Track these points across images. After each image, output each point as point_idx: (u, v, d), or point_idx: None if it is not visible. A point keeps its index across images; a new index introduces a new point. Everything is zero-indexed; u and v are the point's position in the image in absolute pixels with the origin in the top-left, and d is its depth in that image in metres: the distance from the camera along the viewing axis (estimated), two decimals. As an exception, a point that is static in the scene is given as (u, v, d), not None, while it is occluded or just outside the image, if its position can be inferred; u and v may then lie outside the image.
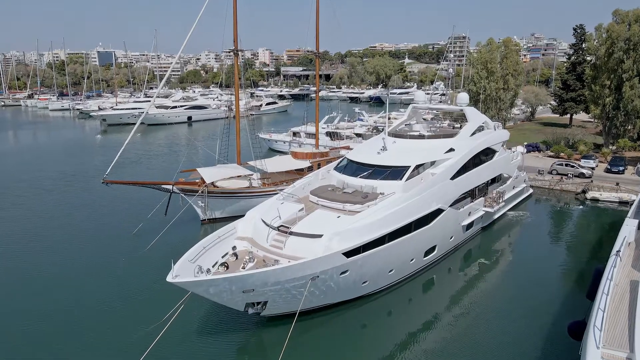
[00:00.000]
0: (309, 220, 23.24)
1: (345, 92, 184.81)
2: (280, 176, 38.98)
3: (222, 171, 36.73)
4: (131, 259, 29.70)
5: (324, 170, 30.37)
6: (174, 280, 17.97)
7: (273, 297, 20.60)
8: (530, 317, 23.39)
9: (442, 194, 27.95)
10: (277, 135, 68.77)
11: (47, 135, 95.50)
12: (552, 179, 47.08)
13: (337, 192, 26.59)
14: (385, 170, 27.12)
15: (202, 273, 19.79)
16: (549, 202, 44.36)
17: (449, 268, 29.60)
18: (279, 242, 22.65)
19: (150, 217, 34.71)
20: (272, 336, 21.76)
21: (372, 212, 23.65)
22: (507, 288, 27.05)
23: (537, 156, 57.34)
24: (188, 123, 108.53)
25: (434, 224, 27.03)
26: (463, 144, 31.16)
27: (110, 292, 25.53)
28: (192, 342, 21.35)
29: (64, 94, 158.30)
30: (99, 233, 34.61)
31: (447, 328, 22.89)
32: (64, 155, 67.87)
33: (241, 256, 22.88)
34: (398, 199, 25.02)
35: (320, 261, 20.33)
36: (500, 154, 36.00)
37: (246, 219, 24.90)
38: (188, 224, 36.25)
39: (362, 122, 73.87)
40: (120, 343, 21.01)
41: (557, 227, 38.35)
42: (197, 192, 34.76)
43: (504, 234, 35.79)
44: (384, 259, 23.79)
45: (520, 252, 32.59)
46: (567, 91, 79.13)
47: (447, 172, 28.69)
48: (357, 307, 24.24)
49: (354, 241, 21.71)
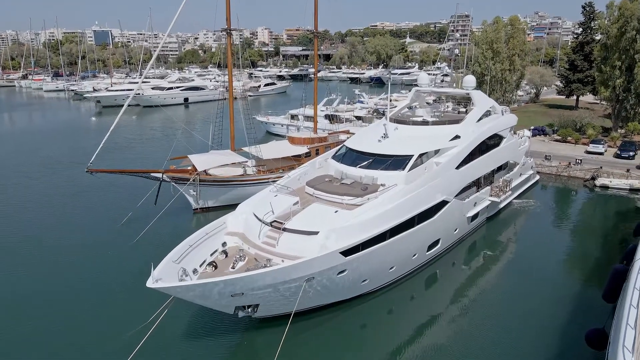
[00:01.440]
0: (304, 215, 21.58)
1: (345, 72, 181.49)
2: (276, 163, 37.23)
3: (214, 158, 34.95)
4: (117, 252, 28.11)
5: (322, 159, 28.58)
6: (154, 286, 16.39)
7: (265, 299, 19.07)
8: (539, 315, 21.95)
9: (446, 184, 26.24)
10: (275, 118, 66.75)
11: (38, 118, 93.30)
12: (559, 164, 45.26)
13: (335, 183, 24.87)
14: (386, 160, 25.35)
15: (187, 275, 18.19)
16: (556, 189, 42.66)
17: (452, 262, 28.07)
18: (271, 239, 21.03)
19: (139, 207, 33.03)
20: (265, 338, 20.29)
21: (373, 206, 21.97)
22: (514, 283, 25.47)
23: (543, 140, 55.42)
24: (184, 105, 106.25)
25: (438, 216, 25.39)
26: (469, 131, 29.30)
27: (91, 290, 23.97)
28: (179, 346, 19.88)
29: (58, 75, 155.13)
30: (84, 223, 32.95)
31: (450, 327, 21.49)
32: (54, 139, 65.75)
33: (231, 254, 21.29)
34: (400, 191, 23.31)
35: (315, 262, 18.74)
36: (507, 140, 34.15)
37: (237, 213, 23.24)
38: (179, 213, 34.64)
39: (362, 104, 71.74)
40: (100, 347, 19.56)
41: (566, 216, 36.69)
42: (188, 180, 33.07)
43: (509, 224, 34.18)
44: (384, 256, 22.21)
45: (528, 243, 30.96)
46: (573, 72, 76.66)
47: (453, 161, 26.91)
48: (356, 306, 22.75)
49: (353, 239, 20.08)
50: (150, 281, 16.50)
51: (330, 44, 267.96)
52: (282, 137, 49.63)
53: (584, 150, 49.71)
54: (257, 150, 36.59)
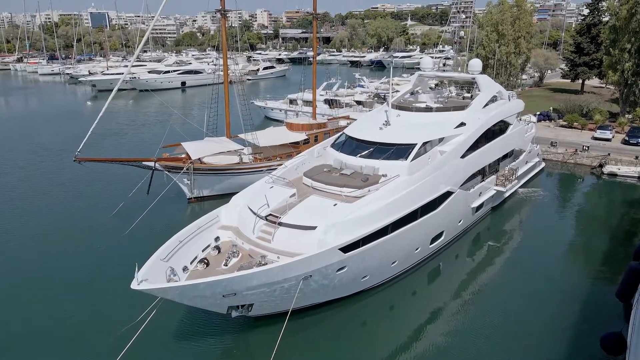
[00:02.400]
0: (301, 209, 20.37)
1: (345, 55, 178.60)
2: (273, 150, 35.91)
3: (209, 146, 33.62)
4: (108, 245, 27.01)
5: (320, 147, 27.28)
6: (138, 288, 15.26)
7: (259, 299, 18.00)
8: (548, 313, 20.95)
9: (451, 174, 25.00)
10: (273, 102, 65.17)
11: (32, 102, 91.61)
12: (566, 151, 43.93)
13: (334, 174, 23.62)
14: (388, 149, 24.06)
15: (175, 275, 17.05)
16: (562, 176, 41.41)
17: (456, 255, 26.99)
18: (266, 234, 19.87)
19: (131, 197, 31.80)
20: (261, 337, 19.28)
21: (373, 199, 20.76)
22: (519, 278, 24.35)
23: (548, 126, 53.94)
24: (182, 89, 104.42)
25: (442, 208, 24.20)
26: (475, 118, 27.94)
27: (79, 285, 22.87)
28: (170, 346, 18.88)
29: (54, 58, 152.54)
30: (73, 214, 31.72)
31: (454, 323, 20.51)
32: (46, 124, 64.09)
33: (224, 249, 20.16)
34: (403, 182, 22.08)
35: (312, 259, 17.60)
36: (514, 127, 32.77)
37: (231, 205, 22.04)
38: (173, 202, 33.49)
39: (362, 88, 70.02)
40: (87, 347, 18.56)
41: (573, 205, 35.47)
42: (181, 169, 31.81)
43: (515, 214, 33.00)
44: (386, 251, 21.09)
45: (534, 234, 29.79)
46: (580, 55, 74.66)
47: (458, 149, 25.62)
48: (356, 303, 21.70)
49: (353, 234, 18.91)
50: (135, 282, 15.37)
51: (330, 27, 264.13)
52: (280, 122, 48.14)
53: (591, 137, 48.32)
54: (254, 137, 35.25)
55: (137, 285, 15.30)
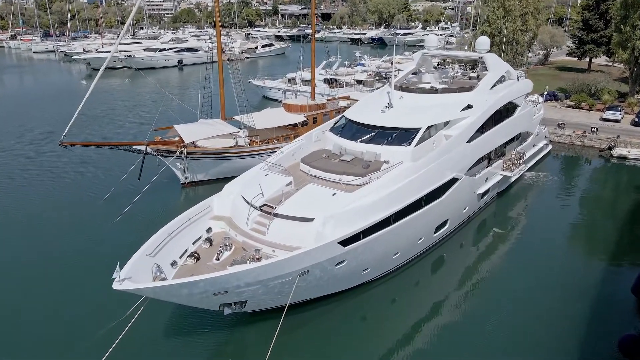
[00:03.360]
0: (298, 199, 19.11)
1: (345, 32, 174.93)
2: (270, 133, 34.48)
3: (203, 128, 32.16)
4: (96, 234, 25.81)
5: (319, 131, 25.86)
6: (120, 288, 14.10)
7: (252, 296, 16.89)
8: (557, 306, 20.06)
9: (457, 160, 23.67)
10: (272, 82, 63.33)
11: (24, 81, 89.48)
12: (573, 133, 42.46)
13: (333, 160, 22.29)
14: (391, 133, 22.67)
15: (161, 273, 15.87)
16: (570, 160, 40.04)
17: (460, 243, 25.87)
18: (261, 226, 18.66)
19: (122, 182, 30.54)
20: (256, 334, 18.28)
21: (375, 188, 19.48)
22: (527, 267, 23.28)
23: (554, 106, 52.29)
24: (179, 67, 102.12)
25: (447, 195, 22.94)
26: (482, 99, 26.43)
27: (64, 277, 21.74)
28: (160, 343, 17.88)
29: (48, 35, 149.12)
30: (60, 201, 30.33)
31: (458, 316, 19.61)
32: (38, 105, 61.91)
33: (216, 242, 18.98)
34: (406, 169, 20.76)
35: (309, 254, 16.42)
36: (522, 109, 31.26)
37: (223, 194, 20.77)
38: (166, 188, 32.26)
39: (363, 67, 68.01)
40: (71, 345, 17.56)
41: (581, 190, 34.15)
42: (174, 153, 30.45)
43: (521, 200, 31.75)
44: (388, 243, 19.91)
45: (541, 222, 28.57)
46: (587, 32, 72.40)
47: (464, 134, 24.22)
48: (356, 296, 20.64)
49: (353, 226, 17.70)
50: (117, 282, 14.20)
51: (330, 3, 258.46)
52: (279, 102, 46.52)
53: (599, 117, 46.79)
54: (250, 119, 33.76)
55: (119, 284, 14.12)
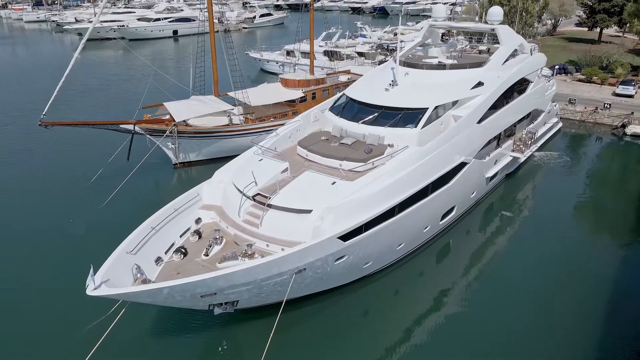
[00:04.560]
0: (294, 188, 17.53)
1: (346, 1, 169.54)
2: (266, 110, 32.63)
3: (195, 106, 30.31)
4: (82, 220, 24.27)
5: (317, 110, 24.06)
6: (94, 293, 12.66)
7: (244, 296, 15.53)
8: (568, 294, 19.06)
9: (466, 143, 21.97)
10: (269, 54, 60.86)
11: (14, 53, 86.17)
12: (585, 109, 40.53)
13: (333, 143, 20.61)
14: (395, 114, 20.91)
15: (142, 274, 14.41)
16: (581, 138, 38.26)
17: (467, 229, 24.47)
18: (254, 217, 17.15)
19: (110, 163, 28.97)
20: (251, 332, 17.06)
21: (378, 176, 17.87)
22: (537, 253, 22.04)
23: (564, 80, 50.05)
24: (174, 38, 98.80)
25: (455, 181, 21.36)
26: (494, 76, 24.52)
27: (43, 271, 20.27)
28: (146, 343, 16.66)
29: (40, 3, 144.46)
30: (44, 184, 28.57)
31: (466, 306, 18.59)
32: (26, 80, 59.17)
33: (206, 235, 17.50)
34: (412, 154, 19.10)
35: (306, 252, 14.96)
36: (535, 85, 29.31)
37: (214, 181, 19.17)
38: (157, 169, 30.70)
39: (364, 38, 65.36)
40: (51, 345, 16.33)
41: (593, 170, 32.48)
42: (164, 132, 28.72)
43: (530, 181, 30.14)
44: (392, 234, 18.45)
45: (551, 203, 27.06)
46: (599, 1, 69.24)
47: (474, 114, 22.43)
48: (357, 290, 19.35)
49: (354, 219, 16.18)
50: (91, 287, 12.75)
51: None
52: (277, 76, 44.27)
53: (612, 92, 44.71)
54: (244, 95, 31.83)
55: (92, 290, 12.67)
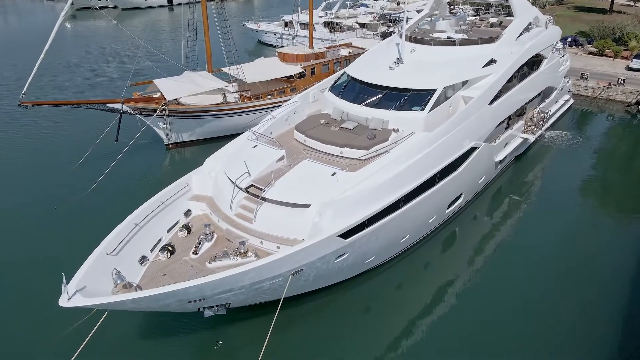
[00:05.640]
0: (291, 179, 16.10)
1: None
2: (263, 86, 30.90)
3: (186, 83, 28.53)
4: (67, 207, 22.95)
5: (317, 90, 22.41)
6: (68, 305, 11.42)
7: (236, 298, 14.32)
8: (577, 278, 18.34)
9: (477, 126, 20.43)
10: (267, 25, 58.39)
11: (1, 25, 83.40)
12: (597, 85, 38.68)
13: (333, 127, 19.07)
14: (401, 95, 19.30)
15: (122, 280, 13.10)
16: (592, 116, 36.56)
17: (474, 215, 23.19)
18: (247, 211, 15.82)
19: (98, 144, 27.47)
20: (247, 331, 15.96)
21: (382, 166, 16.39)
22: (547, 237, 21.04)
23: (576, 53, 47.88)
24: (169, 7, 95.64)
25: (464, 167, 19.93)
26: (507, 53, 22.74)
27: (26, 265, 18.99)
28: (135, 346, 15.56)
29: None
30: (27, 168, 27.05)
31: (473, 298, 17.61)
32: (11, 53, 56.70)
33: (195, 229, 16.21)
34: (419, 141, 17.58)
35: (304, 252, 13.68)
36: (549, 61, 27.49)
37: (204, 170, 17.73)
38: (148, 150, 29.30)
39: (366, 8, 62.64)
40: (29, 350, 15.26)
41: (605, 150, 30.87)
42: (155, 111, 27.11)
43: (539, 162, 28.59)
44: (396, 228, 17.16)
45: (560, 185, 25.76)
46: (612, -32, 66.29)
47: (486, 95, 20.80)
48: (359, 285, 18.16)
49: (356, 215, 14.84)
50: (64, 297, 11.50)
51: None
52: (274, 48, 42.22)
53: (625, 67, 42.70)
54: (239, 71, 30.03)
55: (66, 301, 11.42)
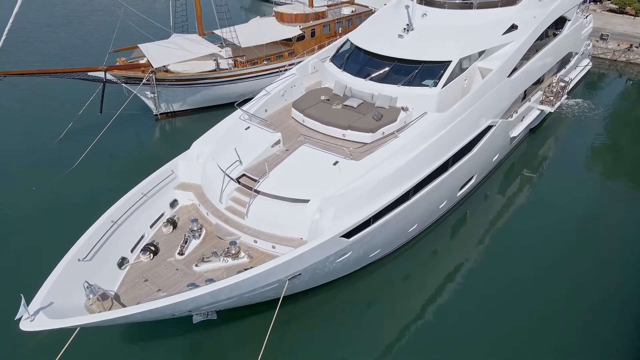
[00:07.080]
0: (287, 168, 14.32)
1: None
2: (259, 51, 28.51)
3: (175, 49, 26.14)
4: (47, 187, 21.20)
5: (316, 59, 20.22)
6: (28, 329, 9.92)
7: (227, 306, 12.92)
8: (595, 264, 17.17)
9: (494, 102, 18.45)
10: (264, -21, 54.54)
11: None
12: (618, 47, 36.06)
13: (335, 105, 17.08)
14: (411, 68, 17.22)
15: (94, 295, 11.53)
16: (612, 81, 34.18)
17: (485, 194, 21.58)
18: (239, 205, 14.16)
19: (80, 116, 25.50)
20: (246, 331, 14.74)
21: (389, 154, 14.56)
22: (563, 216, 19.67)
23: (594, 10, 44.68)
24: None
25: (479, 148, 18.13)
26: (529, 17, 20.35)
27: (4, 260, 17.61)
28: (125, 348, 14.37)
29: None
30: (3, 143, 24.91)
31: (484, 286, 16.36)
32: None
33: (182, 224, 14.62)
34: (432, 124, 15.65)
35: (302, 257, 12.10)
36: (572, 24, 25.03)
37: (191, 156, 15.90)
38: (136, 121, 27.35)
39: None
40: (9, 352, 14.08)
41: (626, 120, 28.79)
42: (141, 80, 24.96)
43: (553, 134, 26.64)
44: (404, 220, 15.57)
45: (577, 159, 24.14)
46: None
47: (505, 66, 18.65)
48: (362, 278, 16.79)
49: (360, 212, 13.18)
50: (25, 319, 9.99)
51: None
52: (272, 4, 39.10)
53: (647, 26, 39.94)
54: (233, 34, 27.54)
55: (28, 323, 9.90)
